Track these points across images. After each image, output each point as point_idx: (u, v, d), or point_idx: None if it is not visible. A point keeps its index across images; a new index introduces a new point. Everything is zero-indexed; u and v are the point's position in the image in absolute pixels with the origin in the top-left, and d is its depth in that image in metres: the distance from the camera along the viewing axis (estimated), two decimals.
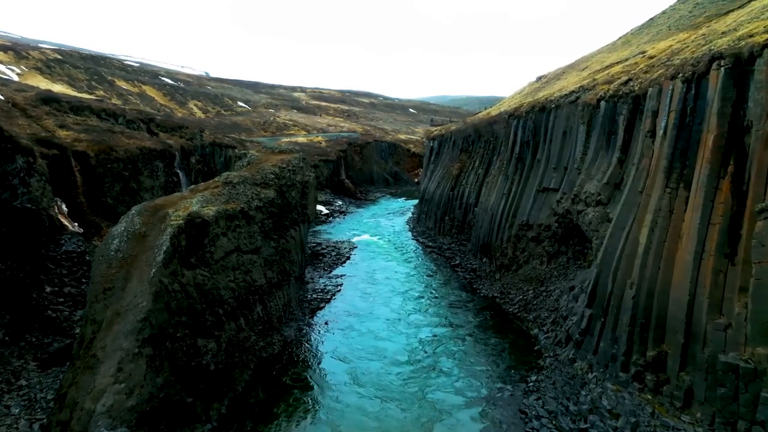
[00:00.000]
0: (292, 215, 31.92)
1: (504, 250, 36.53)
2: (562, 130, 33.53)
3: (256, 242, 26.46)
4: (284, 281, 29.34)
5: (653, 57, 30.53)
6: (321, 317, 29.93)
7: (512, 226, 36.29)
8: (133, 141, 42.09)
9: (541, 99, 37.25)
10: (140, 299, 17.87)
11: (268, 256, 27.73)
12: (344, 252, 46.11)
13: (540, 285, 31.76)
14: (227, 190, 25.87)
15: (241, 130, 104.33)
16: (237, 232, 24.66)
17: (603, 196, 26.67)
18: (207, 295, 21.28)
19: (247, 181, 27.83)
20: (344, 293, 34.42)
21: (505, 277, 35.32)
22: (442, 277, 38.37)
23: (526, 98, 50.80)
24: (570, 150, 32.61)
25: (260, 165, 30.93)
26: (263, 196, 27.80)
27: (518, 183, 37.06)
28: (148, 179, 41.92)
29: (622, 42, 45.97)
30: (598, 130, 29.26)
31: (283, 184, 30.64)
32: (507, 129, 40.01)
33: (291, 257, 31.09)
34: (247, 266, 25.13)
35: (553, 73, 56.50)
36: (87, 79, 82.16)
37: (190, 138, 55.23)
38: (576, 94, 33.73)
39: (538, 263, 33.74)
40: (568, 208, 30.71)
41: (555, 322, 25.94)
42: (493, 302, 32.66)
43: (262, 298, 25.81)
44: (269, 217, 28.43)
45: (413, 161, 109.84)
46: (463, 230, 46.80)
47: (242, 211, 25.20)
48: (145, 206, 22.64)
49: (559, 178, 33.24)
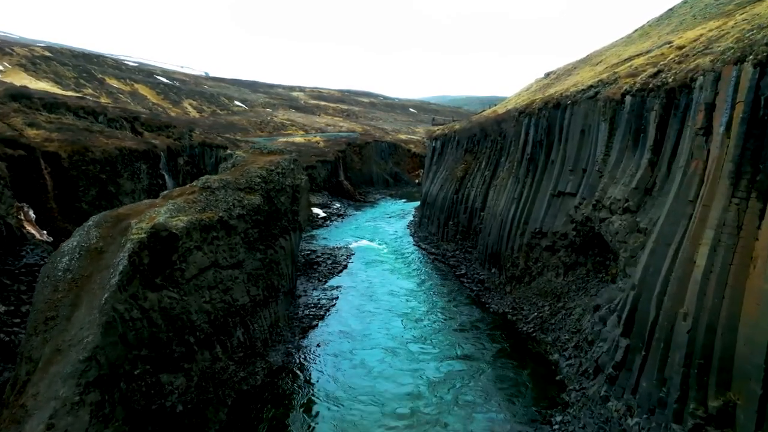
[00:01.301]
0: (282, 223, 28.80)
1: (515, 260, 33.39)
2: (579, 128, 30.41)
3: (238, 255, 23.33)
4: (271, 298, 26.20)
5: (683, 47, 27.37)
6: (313, 338, 26.67)
7: (524, 233, 33.16)
8: (112, 141, 38.98)
9: (555, 95, 34.11)
10: (87, 332, 14.73)
11: (252, 270, 24.61)
12: (341, 260, 42.97)
13: (557, 300, 28.61)
14: (204, 197, 22.73)
15: (236, 130, 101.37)
16: (214, 244, 21.53)
17: (631, 202, 23.53)
18: (175, 321, 18.15)
19: (228, 186, 24.70)
20: (339, 308, 31.22)
21: (517, 290, 32.16)
22: (447, 290, 35.19)
23: (535, 95, 47.66)
24: (589, 150, 29.49)
25: (245, 167, 27.78)
26: (247, 203, 24.66)
27: (530, 186, 33.91)
28: (128, 182, 38.81)
29: (640, 34, 42.81)
30: (623, 128, 26.14)
31: (271, 189, 27.51)
32: (517, 127, 36.87)
33: (280, 270, 27.96)
34: (227, 284, 21.99)
35: (563, 68, 53.34)
36: (75, 77, 78.96)
37: (178, 138, 52.15)
38: (595, 89, 30.61)
39: (553, 275, 30.61)
40: (588, 215, 27.58)
41: (578, 346, 22.78)
42: (505, 319, 29.50)
43: (244, 319, 22.66)
44: (254, 225, 25.31)
45: (414, 162, 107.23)
46: (468, 236, 43.66)
47: (221, 221, 22.07)
48: (106, 216, 19.49)
49: (576, 181, 30.11)
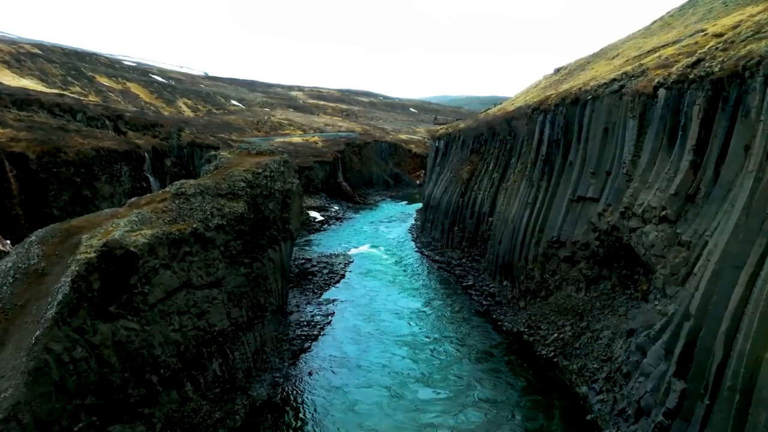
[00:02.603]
0: (270, 232, 25.70)
1: (529, 272, 30.26)
2: (602, 126, 27.31)
3: (217, 272, 20.22)
4: (257, 319, 23.09)
5: (722, 34, 24.32)
6: (304, 365, 23.51)
7: (539, 242, 30.04)
8: (89, 141, 35.85)
9: (573, 90, 30.99)
10: (7, 383, 11.60)
11: (234, 288, 21.49)
12: (338, 269, 39.86)
13: (579, 319, 25.50)
14: (177, 205, 19.61)
15: (232, 130, 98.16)
16: (187, 261, 18.42)
17: (669, 210, 20.43)
18: (134, 357, 15.04)
19: (207, 192, 21.58)
20: (335, 326, 28.09)
21: (532, 305, 29.04)
22: (454, 306, 32.01)
23: (546, 91, 44.51)
24: (614, 150, 26.41)
25: (229, 170, 24.67)
26: (228, 211, 21.54)
27: (546, 190, 30.80)
28: (106, 185, 35.68)
29: (660, 26, 39.74)
30: (656, 126, 23.05)
31: (258, 194, 24.40)
32: (530, 126, 33.75)
33: (268, 285, 24.85)
34: (202, 306, 18.88)
35: (575, 63, 50.26)
36: (62, 75, 75.91)
37: (165, 137, 48.98)
38: (619, 83, 27.50)
39: (573, 290, 27.50)
40: (615, 224, 24.48)
41: (611, 378, 19.67)
42: (520, 340, 26.38)
43: (222, 348, 19.55)
44: (237, 236, 22.19)
45: (415, 162, 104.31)
46: (475, 243, 40.54)
47: (195, 233, 18.95)
48: (54, 230, 16.38)
49: (599, 185, 27.03)
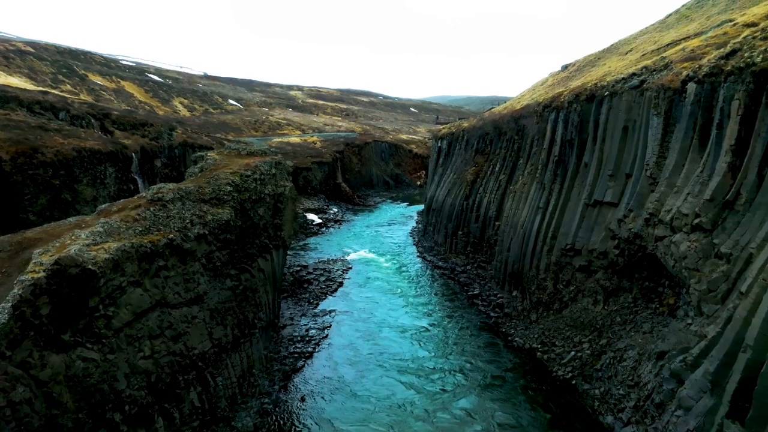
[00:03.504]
0: (261, 240, 23.53)
1: (541, 282, 28.08)
2: (621, 124, 25.14)
3: (198, 287, 18.04)
4: (245, 337, 20.91)
5: (755, 24, 22.17)
6: (296, 388, 21.23)
7: (552, 250, 27.87)
8: (70, 141, 33.67)
9: (588, 85, 28.81)
10: None
11: (218, 304, 19.31)
12: (336, 276, 37.70)
13: (597, 335, 23.32)
14: (152, 212, 17.43)
15: (229, 130, 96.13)
16: (161, 277, 16.24)
17: (704, 218, 18.27)
18: (92, 393, 12.87)
19: (188, 197, 19.40)
20: (331, 343, 25.86)
21: (545, 318, 26.85)
22: (459, 317, 29.81)
23: (554, 89, 42.36)
24: (634, 151, 24.24)
25: (215, 173, 22.48)
26: (211, 218, 19.35)
27: (558, 194, 28.63)
28: (89, 188, 33.49)
29: (676, 18, 37.57)
30: (685, 123, 20.89)
31: (246, 199, 22.22)
32: (541, 124, 31.55)
33: (257, 299, 22.67)
34: (179, 327, 16.70)
35: (583, 60, 48.08)
36: (53, 72, 73.69)
37: (155, 137, 46.83)
38: (639, 77, 25.34)
39: (590, 302, 25.33)
40: (638, 232, 22.31)
41: (640, 407, 17.48)
42: (533, 358, 24.20)
43: (202, 374, 17.36)
44: (223, 246, 20.02)
45: (415, 163, 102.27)
46: (481, 249, 38.36)
47: (171, 245, 16.77)
48: (2, 243, 14.20)
49: (618, 188, 24.86)
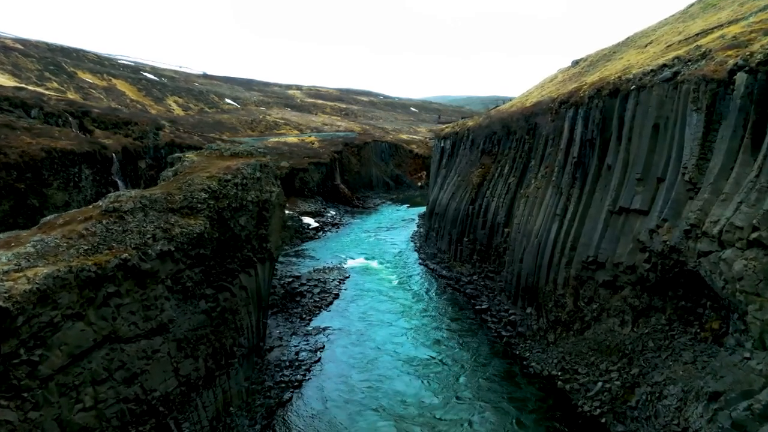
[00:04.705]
0: (243, 253, 20.62)
1: (559, 299, 25.15)
2: (650, 121, 22.22)
3: (161, 315, 15.11)
4: (221, 369, 17.96)
5: None
6: (281, 427, 18.30)
7: (571, 262, 24.94)
8: (40, 141, 30.77)
9: (611, 78, 25.88)
10: None
11: (188, 332, 16.38)
12: (331, 287, 34.77)
13: (627, 363, 20.38)
14: (104, 226, 14.50)
15: (224, 129, 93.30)
16: (111, 306, 13.31)
17: (765, 232, 15.34)
18: None
19: (152, 206, 16.46)
20: (324, 369, 22.83)
21: (565, 341, 23.90)
22: (468, 338, 26.73)
23: (565, 85, 39.44)
24: (667, 151, 21.32)
25: (188, 177, 19.53)
26: (180, 231, 16.42)
27: (578, 199, 25.70)
28: (60, 193, 30.56)
29: (701, 8, 34.62)
30: (733, 120, 17.98)
31: (225, 208, 19.29)
32: (557, 122, 28.61)
33: (238, 321, 19.74)
34: (134, 366, 13.77)
35: (596, 54, 45.13)
36: (39, 69, 70.68)
37: (140, 137, 43.92)
38: (671, 69, 22.42)
39: (616, 323, 22.39)
40: (675, 245, 19.37)
41: None
42: (553, 387, 21.25)
43: (164, 421, 14.41)
44: (195, 263, 17.09)
45: (416, 163, 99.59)
46: (488, 257, 35.43)
47: (125, 266, 13.84)
48: None
49: (648, 194, 21.93)
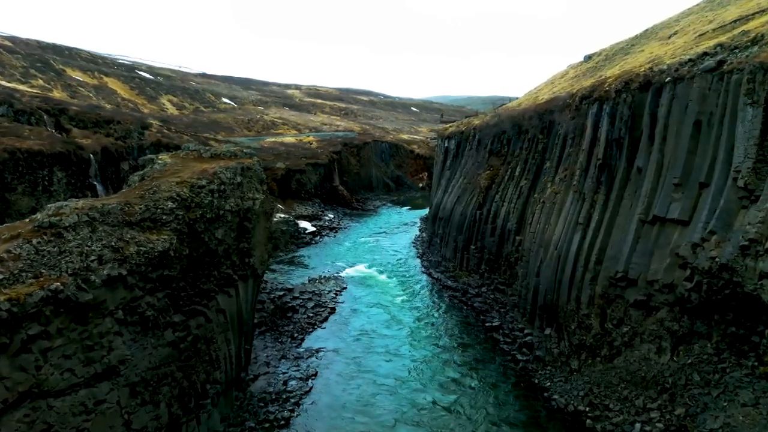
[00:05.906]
0: (221, 271, 17.70)
1: (583, 319, 22.18)
2: (691, 117, 19.28)
3: (109, 355, 12.17)
4: (189, 414, 14.99)
5: None
6: None
7: (596, 278, 21.98)
8: (4, 140, 27.87)
9: (640, 70, 22.94)
10: None
11: (147, 372, 13.41)
12: (327, 300, 31.83)
13: (669, 400, 17.44)
14: (32, 247, 11.57)
15: (219, 129, 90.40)
16: (34, 352, 10.37)
17: None
18: None
19: (103, 220, 13.52)
20: (315, 402, 19.78)
21: (591, 368, 20.93)
22: (479, 362, 23.71)
23: (578, 81, 36.52)
24: (712, 152, 18.37)
25: (155, 183, 16.59)
26: (136, 250, 13.47)
27: (603, 206, 22.75)
28: (25, 198, 27.64)
29: None
30: None
31: (198, 219, 16.36)
32: (578, 120, 25.64)
33: (213, 352, 16.80)
34: (67, 426, 10.83)
35: (610, 48, 42.20)
36: (24, 67, 67.86)
37: (122, 136, 41.00)
38: (713, 57, 19.51)
39: (652, 350, 19.41)
40: (725, 263, 16.43)
41: None
42: (581, 425, 18.28)
43: None
44: (157, 288, 14.14)
45: (417, 164, 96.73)
46: (498, 268, 32.49)
47: (55, 298, 10.91)
48: None
49: (688, 201, 18.98)
